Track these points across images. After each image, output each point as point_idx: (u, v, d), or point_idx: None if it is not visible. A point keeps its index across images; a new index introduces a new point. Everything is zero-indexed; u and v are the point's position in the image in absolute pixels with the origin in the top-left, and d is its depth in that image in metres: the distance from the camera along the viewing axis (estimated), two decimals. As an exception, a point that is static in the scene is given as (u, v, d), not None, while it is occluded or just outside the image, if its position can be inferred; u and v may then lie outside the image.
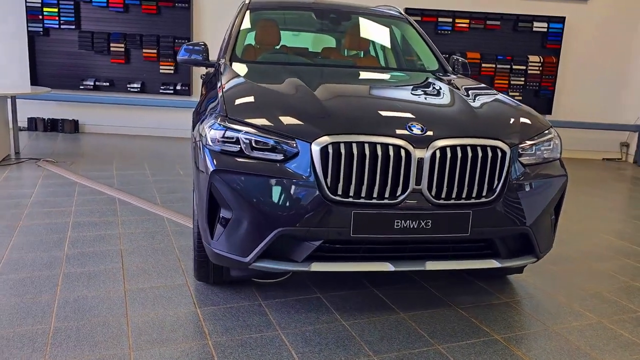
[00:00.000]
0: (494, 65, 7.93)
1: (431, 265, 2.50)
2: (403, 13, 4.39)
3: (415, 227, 2.38)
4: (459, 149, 2.40)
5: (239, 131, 2.44)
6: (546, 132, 2.74)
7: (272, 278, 3.08)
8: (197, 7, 7.77)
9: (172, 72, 7.83)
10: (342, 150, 2.32)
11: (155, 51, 7.74)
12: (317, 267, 2.42)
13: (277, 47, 4.09)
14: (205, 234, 2.57)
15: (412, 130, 2.40)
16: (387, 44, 4.22)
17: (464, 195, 2.45)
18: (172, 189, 5.11)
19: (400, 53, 4.15)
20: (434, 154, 2.36)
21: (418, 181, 2.37)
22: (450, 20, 7.75)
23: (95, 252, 3.44)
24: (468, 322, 2.76)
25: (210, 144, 2.51)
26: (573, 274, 3.50)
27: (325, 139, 2.33)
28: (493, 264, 2.58)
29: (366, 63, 4.23)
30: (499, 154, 2.47)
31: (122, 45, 7.70)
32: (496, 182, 2.49)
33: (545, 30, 7.87)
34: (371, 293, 3.04)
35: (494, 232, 2.51)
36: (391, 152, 2.34)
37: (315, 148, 2.33)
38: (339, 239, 2.38)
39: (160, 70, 7.84)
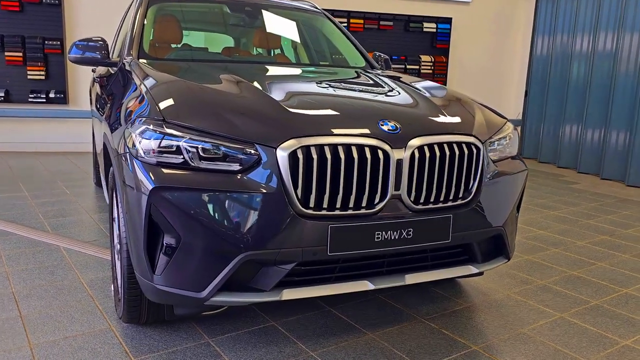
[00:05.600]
0: (389, 65, 7.99)
1: (411, 279, 2.24)
2: (322, 9, 4.13)
3: (397, 237, 2.10)
4: (436, 147, 2.17)
5: (180, 138, 2.00)
6: (505, 127, 2.61)
7: (214, 309, 2.63)
8: (69, 4, 6.88)
9: (43, 77, 6.86)
10: (314, 155, 1.97)
11: (20, 54, 6.72)
12: (289, 294, 2.04)
13: (189, 43, 3.61)
14: (142, 267, 2.07)
15: (385, 128, 2.12)
16: (312, 40, 3.92)
17: (442, 199, 2.22)
18: (62, 212, 4.36)
19: (326, 49, 3.87)
20: (412, 154, 2.10)
21: (397, 186, 2.09)
22: (345, 20, 7.67)
23: (-22, 299, 2.74)
24: (440, 334, 2.55)
25: (143, 155, 2.03)
26: (513, 269, 3.46)
27: (292, 143, 1.97)
28: (470, 269, 2.39)
29: (292, 59, 3.89)
30: (474, 150, 2.28)
31: (-22, 47, 6.59)
32: (472, 181, 2.29)
33: (434, 30, 8.09)
34: (329, 313, 2.72)
35: (473, 235, 2.32)
36: (368, 155, 2.03)
37: (282, 154, 1.95)
38: (314, 259, 2.03)
39: (28, 76, 6.82)
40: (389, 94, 2.60)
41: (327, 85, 2.73)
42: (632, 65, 6.63)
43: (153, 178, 1.96)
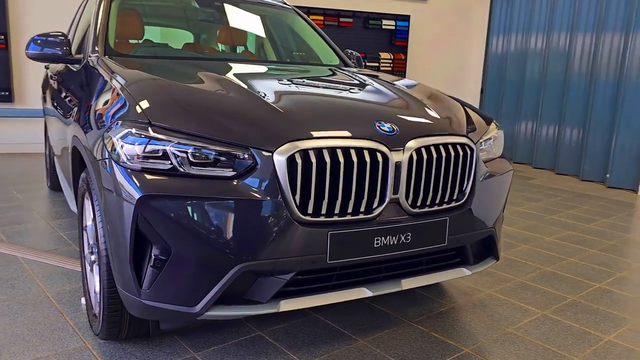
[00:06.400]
0: (349, 63, 7.95)
1: (407, 284, 2.19)
2: (292, 6, 4.02)
3: (396, 242, 2.04)
4: (432, 148, 2.12)
5: (167, 142, 1.86)
6: (491, 126, 2.60)
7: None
8: (13, -4, 6.46)
9: (-15, 74, 6.42)
10: (313, 159, 1.88)
11: (-41, 49, 6.27)
12: (286, 305, 1.94)
13: (158, 39, 3.43)
14: (126, 282, 1.92)
15: (383, 130, 2.06)
16: (285, 37, 3.81)
17: (437, 201, 2.18)
18: (16, 219, 4.08)
19: (300, 47, 3.77)
20: (411, 156, 2.05)
21: (395, 189, 2.03)
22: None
23: None
24: (431, 337, 2.52)
25: (126, 161, 1.88)
26: (491, 267, 3.48)
27: (289, 147, 1.87)
28: (464, 272, 2.36)
29: (266, 57, 3.76)
30: (468, 152, 2.25)
31: None
32: (466, 182, 2.26)
33: (393, 28, 8.12)
34: (316, 320, 2.63)
35: (467, 237, 2.29)
36: (367, 157, 1.96)
37: (280, 158, 1.85)
38: (313, 268, 1.94)
39: (-31, 73, 6.37)
40: (377, 94, 2.54)
41: (313, 85, 2.64)
42: (585, 64, 6.86)
43: (140, 186, 1.82)
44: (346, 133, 1.99)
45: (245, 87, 2.29)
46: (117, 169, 1.90)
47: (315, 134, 1.94)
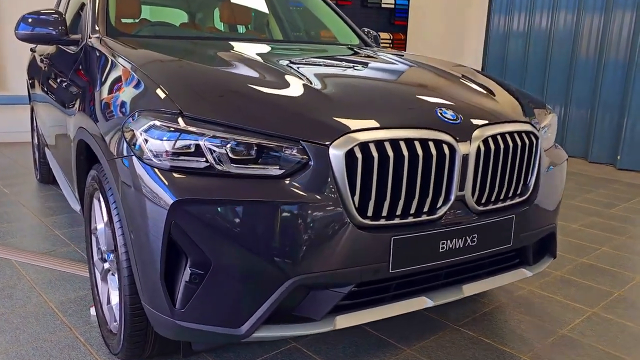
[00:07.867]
0: (347, 43, 7.65)
1: (468, 290, 1.94)
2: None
3: (462, 246, 1.79)
4: (499, 137, 1.86)
5: (201, 136, 1.57)
6: (547, 111, 2.36)
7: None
8: (-10, -27, 6.00)
9: (-38, 58, 5.98)
10: (375, 153, 1.61)
11: None
12: (343, 322, 1.69)
13: (164, 18, 3.11)
14: (156, 299, 1.65)
15: (446, 118, 1.79)
16: (302, 16, 3.51)
17: (502, 197, 1.93)
18: (5, 217, 3.74)
19: (315, 26, 3.47)
20: (478, 147, 1.79)
21: (461, 185, 1.78)
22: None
23: None
24: (483, 344, 2.29)
25: (152, 158, 1.59)
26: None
27: (347, 139, 1.60)
28: (525, 274, 2.13)
29: (286, 36, 3.45)
30: (533, 140, 2.00)
31: None
32: (530, 175, 2.02)
33: (392, 6, 7.81)
34: (354, 328, 2.37)
35: (532, 236, 2.05)
36: (433, 150, 1.70)
37: (337, 153, 1.58)
38: (374, 279, 1.68)
39: (-56, 57, 5.93)
40: (424, 76, 2.27)
41: (353, 68, 2.35)
42: (593, 43, 6.64)
43: (172, 188, 1.53)
44: (407, 122, 1.72)
45: (283, 70, 2.00)
46: (142, 168, 1.61)
47: (373, 123, 1.67)
